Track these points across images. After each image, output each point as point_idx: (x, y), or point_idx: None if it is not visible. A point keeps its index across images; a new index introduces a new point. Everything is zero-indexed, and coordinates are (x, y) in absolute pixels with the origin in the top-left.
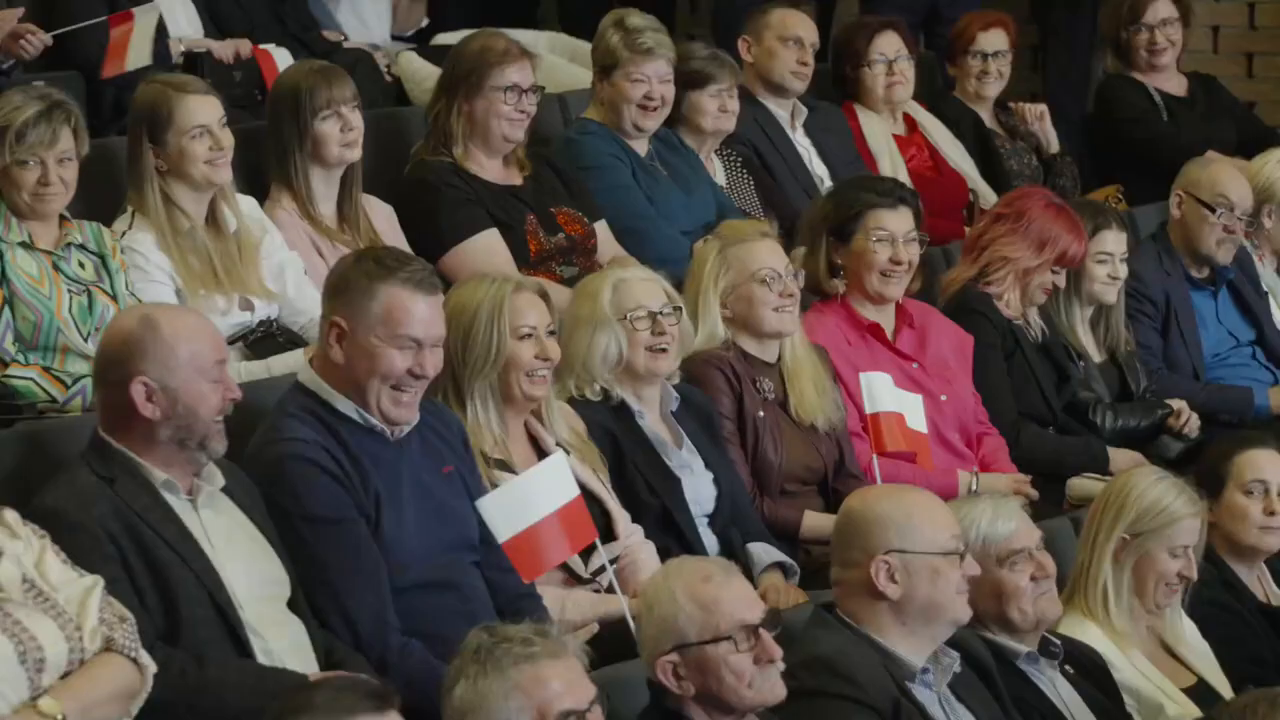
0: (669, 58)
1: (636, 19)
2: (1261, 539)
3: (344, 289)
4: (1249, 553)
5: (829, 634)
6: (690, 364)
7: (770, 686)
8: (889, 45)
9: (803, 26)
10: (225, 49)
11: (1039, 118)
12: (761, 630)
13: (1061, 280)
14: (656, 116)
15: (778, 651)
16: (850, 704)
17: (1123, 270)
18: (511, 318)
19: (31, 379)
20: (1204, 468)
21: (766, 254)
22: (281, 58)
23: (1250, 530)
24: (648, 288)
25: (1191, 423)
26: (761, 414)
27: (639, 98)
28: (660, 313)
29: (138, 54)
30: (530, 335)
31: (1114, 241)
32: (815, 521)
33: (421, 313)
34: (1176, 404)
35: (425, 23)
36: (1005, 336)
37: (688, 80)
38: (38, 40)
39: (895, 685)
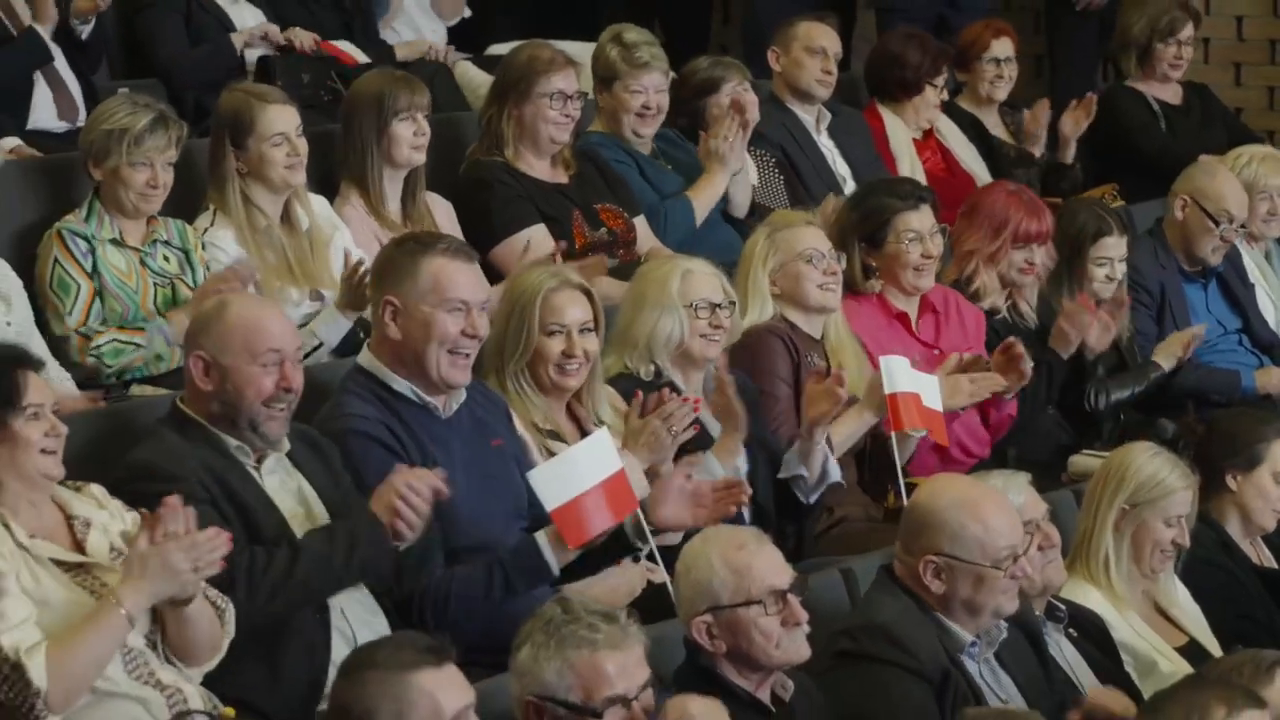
0: (663, 69)
1: (633, 35)
2: (1272, 520)
3: (391, 270)
4: (1255, 528)
5: (891, 600)
6: (751, 334)
7: (796, 647)
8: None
9: (826, 38)
10: (305, 38)
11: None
12: (789, 595)
13: (1037, 257)
14: (653, 123)
15: (803, 615)
16: (903, 671)
17: (1120, 270)
18: (543, 314)
19: (112, 339)
20: (1231, 443)
21: (811, 237)
22: (350, 49)
23: (1267, 512)
24: (711, 281)
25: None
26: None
27: (637, 107)
28: (719, 305)
29: None
30: (559, 331)
31: (1113, 247)
32: (841, 433)
33: (464, 277)
34: (1165, 359)
35: (468, 13)
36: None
37: (700, 89)
38: None
39: (947, 656)
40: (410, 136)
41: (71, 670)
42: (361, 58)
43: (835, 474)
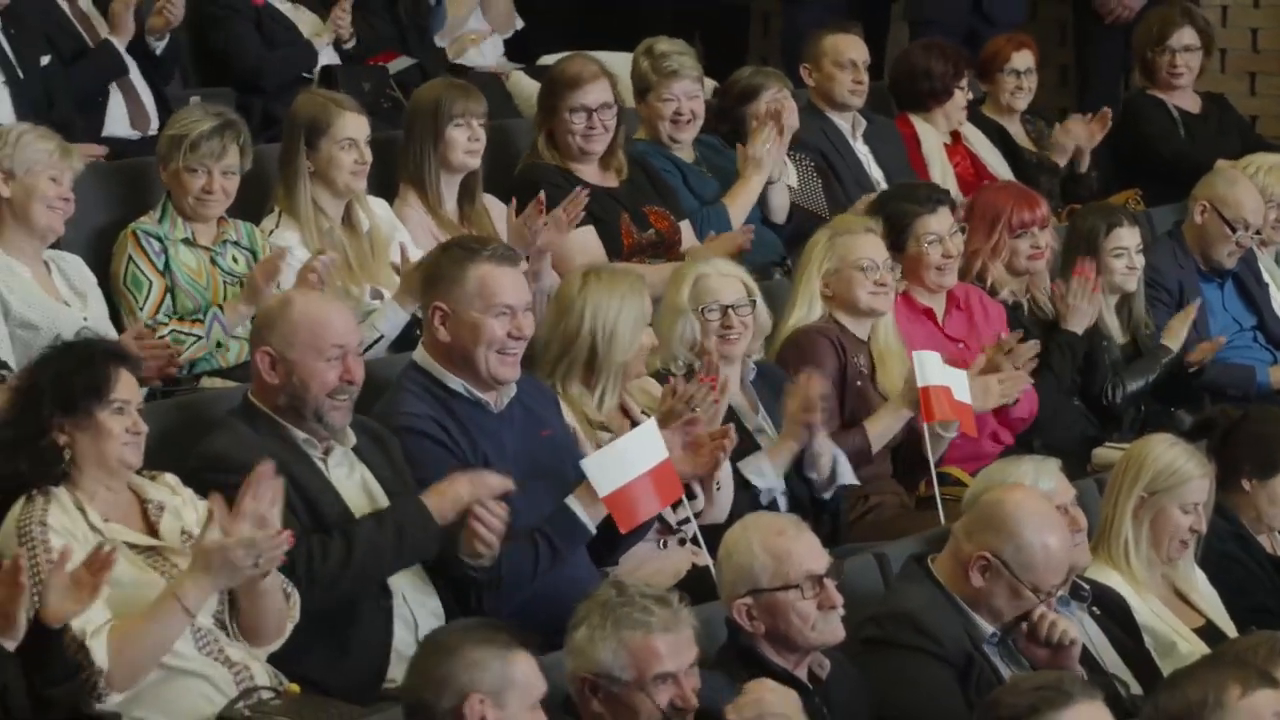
0: (695, 77)
1: (664, 45)
2: None
3: (439, 277)
4: (1265, 527)
5: (918, 589)
6: (801, 334)
7: (831, 629)
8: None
9: (854, 49)
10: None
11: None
12: (825, 579)
13: (1042, 240)
14: (689, 129)
15: (838, 599)
16: (929, 657)
17: (1139, 260)
18: (648, 314)
19: (172, 330)
20: (1254, 447)
21: (868, 246)
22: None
23: (1278, 516)
24: (727, 282)
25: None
26: (859, 383)
27: (670, 114)
28: (733, 306)
29: None
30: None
31: (1127, 237)
32: (878, 427)
33: (509, 282)
34: (1173, 341)
35: (520, 25)
36: None
37: (742, 96)
38: (176, 6)
39: (971, 643)
40: (464, 142)
41: (132, 655)
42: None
43: (847, 477)
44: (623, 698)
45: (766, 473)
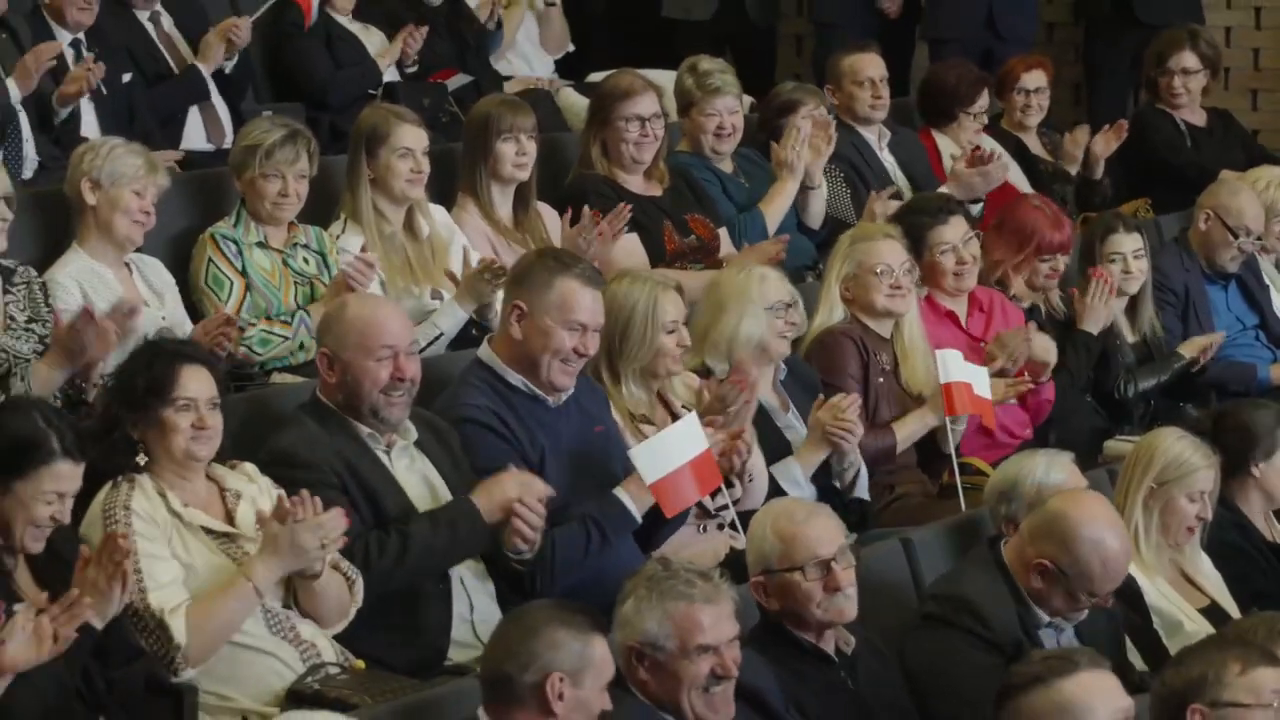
0: (735, 93)
1: (707, 64)
2: None
3: (528, 279)
4: (1276, 502)
5: (980, 573)
6: (825, 334)
7: (838, 609)
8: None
9: (871, 67)
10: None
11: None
12: (832, 563)
13: (1060, 265)
14: (730, 142)
15: (845, 581)
16: (978, 639)
17: (1137, 265)
18: (662, 316)
19: (261, 330)
20: (1249, 435)
21: (885, 251)
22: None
23: None
24: (781, 284)
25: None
26: (881, 380)
27: (713, 129)
28: (790, 305)
29: None
30: (674, 330)
31: (1122, 242)
32: (905, 430)
33: (589, 302)
34: (1187, 351)
35: (572, 47)
36: None
37: (781, 109)
38: (243, 30)
39: (1022, 629)
40: (512, 155)
41: (207, 631)
42: None
43: (862, 492)
44: (667, 665)
45: (800, 480)
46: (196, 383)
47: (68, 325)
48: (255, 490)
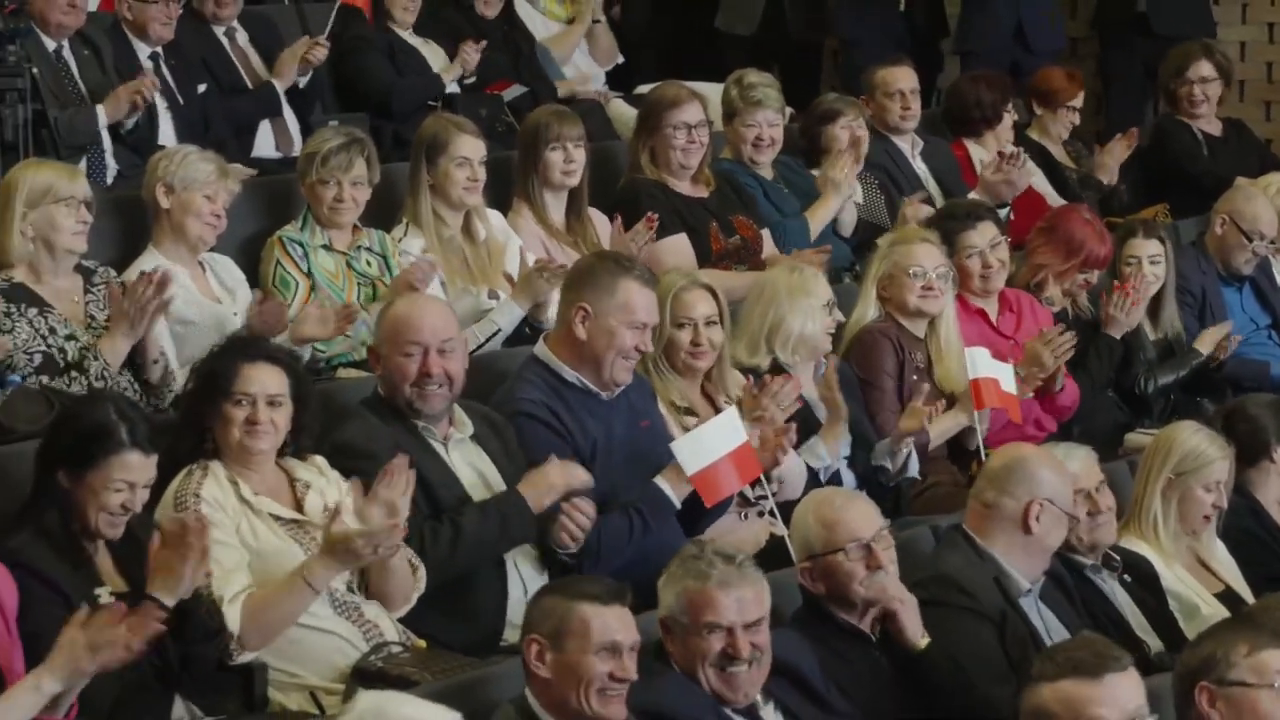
0: (776, 107)
1: (753, 77)
2: None
3: (591, 283)
4: None
5: (954, 554)
6: (863, 333)
7: (880, 586)
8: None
9: (902, 79)
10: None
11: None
12: (872, 544)
13: (1096, 278)
14: (769, 152)
15: (884, 560)
16: (969, 613)
17: (1151, 269)
18: (674, 310)
19: None
20: (1266, 429)
21: (920, 254)
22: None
23: None
24: (826, 284)
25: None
26: (915, 377)
27: (752, 139)
28: (832, 304)
29: None
30: (687, 324)
31: (1139, 247)
32: (939, 427)
33: (650, 302)
34: (1204, 347)
35: (621, 59)
36: None
37: (821, 118)
38: (321, 51)
39: (1004, 598)
40: (560, 163)
41: (262, 623)
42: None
43: (913, 471)
44: (685, 640)
45: (821, 453)
46: (257, 380)
47: (120, 293)
48: (324, 482)
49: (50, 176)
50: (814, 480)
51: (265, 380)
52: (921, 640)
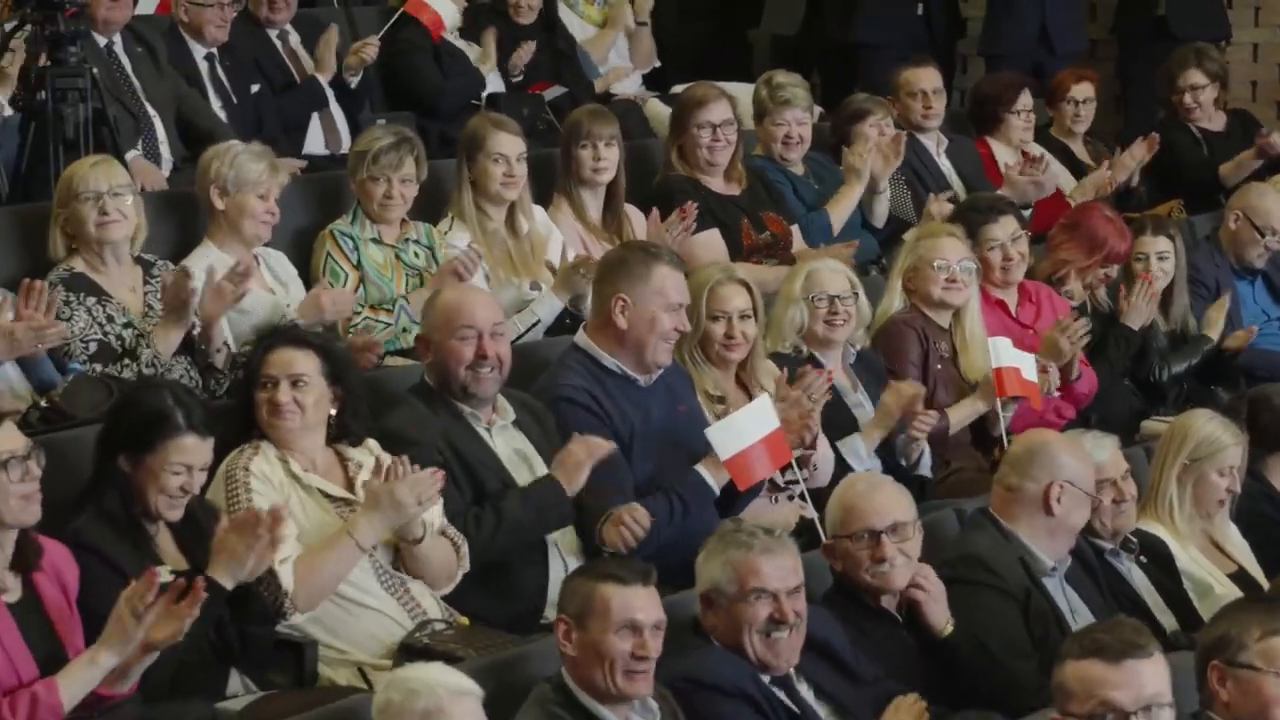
0: (805, 106)
1: (781, 78)
2: None
3: (626, 273)
4: None
5: (981, 535)
6: (889, 323)
7: (884, 577)
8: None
9: (924, 80)
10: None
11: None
12: (883, 535)
13: (1114, 272)
14: (798, 149)
15: (890, 553)
16: (995, 592)
17: (1159, 264)
18: (710, 303)
19: (366, 318)
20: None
21: (945, 248)
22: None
23: None
24: (834, 277)
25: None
26: (939, 366)
27: (781, 137)
28: (839, 296)
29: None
30: (722, 318)
31: (1148, 244)
32: (958, 414)
33: (681, 283)
34: (1212, 331)
35: (658, 63)
36: None
37: (850, 117)
38: (371, 49)
39: (1028, 578)
40: (590, 160)
41: (312, 581)
42: None
43: (925, 470)
44: (729, 609)
45: (861, 455)
46: (279, 362)
47: (170, 284)
48: (374, 463)
49: (75, 174)
50: (845, 467)
51: (287, 361)
52: (946, 627)
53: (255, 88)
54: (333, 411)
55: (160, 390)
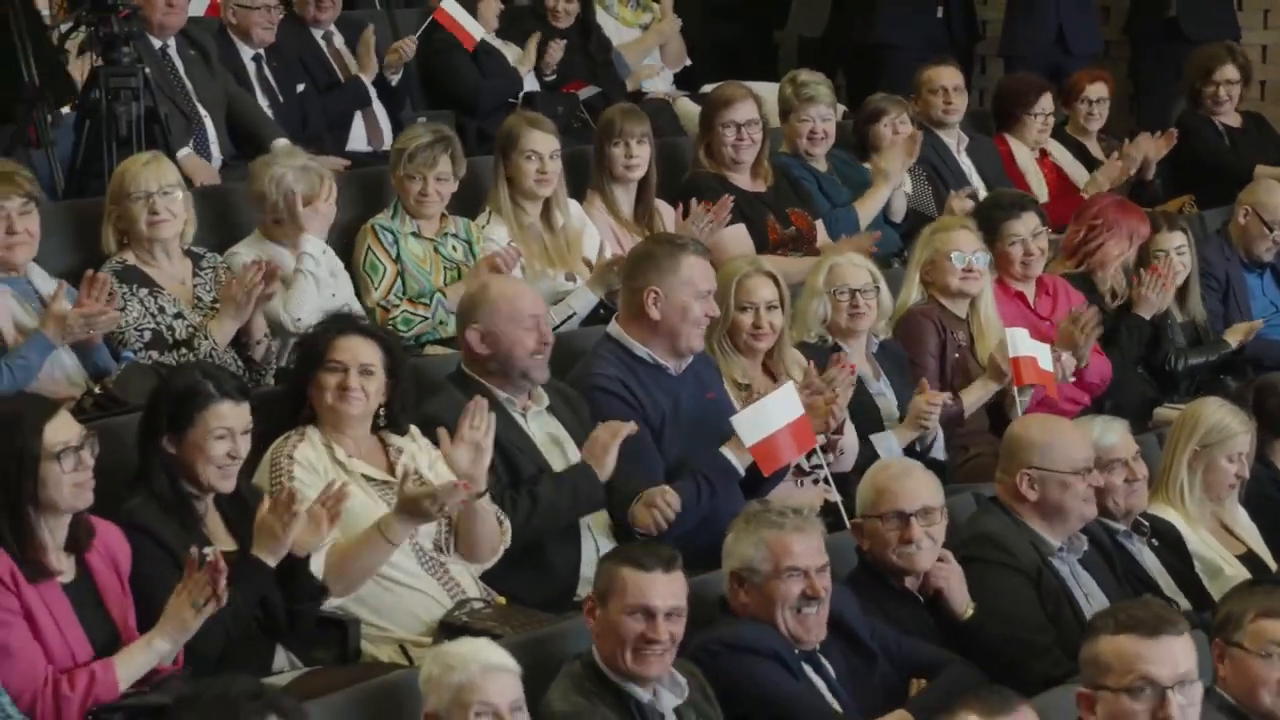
0: (829, 102)
1: (805, 76)
2: None
3: (655, 265)
4: None
5: (992, 518)
6: (908, 314)
7: (909, 558)
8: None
9: (944, 77)
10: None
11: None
12: (912, 518)
13: (1133, 257)
14: (822, 145)
15: (916, 536)
16: (1008, 569)
17: (1178, 259)
18: (738, 295)
19: (404, 311)
20: None
21: (960, 240)
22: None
23: None
24: (855, 270)
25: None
26: (956, 355)
27: (806, 133)
28: (860, 290)
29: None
30: (750, 308)
31: (1165, 240)
32: (971, 397)
33: (708, 270)
34: (1232, 338)
35: (689, 62)
36: None
37: (870, 116)
38: (409, 46)
39: (1039, 557)
40: (621, 157)
41: (344, 572)
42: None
43: (938, 453)
44: (762, 587)
45: (894, 449)
46: (349, 349)
47: (230, 279)
48: (416, 448)
49: (127, 173)
50: (873, 457)
51: (358, 350)
52: (967, 610)
53: (300, 87)
54: (383, 401)
55: (189, 370)
